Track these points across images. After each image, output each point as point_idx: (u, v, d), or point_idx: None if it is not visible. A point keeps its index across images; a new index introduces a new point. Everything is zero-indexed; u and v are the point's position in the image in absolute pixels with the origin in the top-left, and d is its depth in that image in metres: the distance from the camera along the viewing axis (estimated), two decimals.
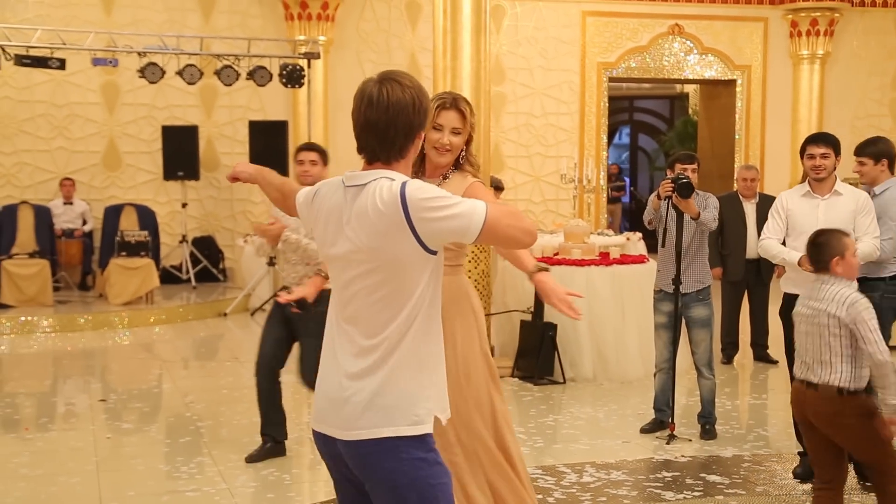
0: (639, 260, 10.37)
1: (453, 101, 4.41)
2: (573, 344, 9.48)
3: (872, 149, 6.57)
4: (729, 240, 10.12)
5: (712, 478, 6.54)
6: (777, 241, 6.51)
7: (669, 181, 7.13)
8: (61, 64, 13.20)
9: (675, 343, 7.64)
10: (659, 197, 7.38)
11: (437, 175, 4.48)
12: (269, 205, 14.80)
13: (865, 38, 18.22)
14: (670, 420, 7.48)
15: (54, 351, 11.14)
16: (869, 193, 6.68)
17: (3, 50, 12.88)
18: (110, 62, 13.66)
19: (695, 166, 7.56)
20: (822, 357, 4.94)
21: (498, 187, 12.50)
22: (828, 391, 4.88)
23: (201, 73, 13.71)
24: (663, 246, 7.55)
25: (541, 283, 4.37)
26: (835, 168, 6.57)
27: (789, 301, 6.36)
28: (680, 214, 7.24)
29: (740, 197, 10.25)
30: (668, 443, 7.35)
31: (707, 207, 7.43)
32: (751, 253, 9.90)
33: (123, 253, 13.53)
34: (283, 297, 5.92)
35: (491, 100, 11.19)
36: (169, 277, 14.76)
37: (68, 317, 12.49)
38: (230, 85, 13.92)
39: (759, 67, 17.91)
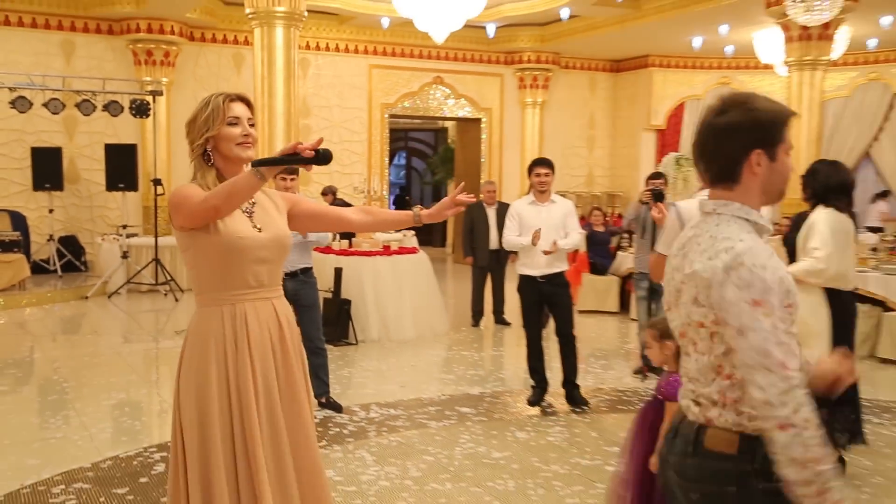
0: (412, 251, 10.52)
1: (237, 94, 3.06)
2: (363, 314, 9.54)
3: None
4: (477, 236, 10.44)
5: (464, 409, 6.70)
6: (516, 235, 6.74)
7: (649, 191, 7.05)
8: None
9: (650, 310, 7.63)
10: (642, 202, 7.58)
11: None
12: (124, 209, 14.34)
13: (569, 91, 18.96)
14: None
15: None
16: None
17: None
18: None
19: (662, 181, 7.73)
20: None
21: (334, 193, 12.63)
22: None
23: (64, 105, 13.19)
24: (642, 238, 7.66)
25: (427, 215, 3.24)
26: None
27: (523, 280, 6.76)
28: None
29: (484, 204, 10.58)
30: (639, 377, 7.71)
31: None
32: (492, 245, 10.28)
33: None
34: None
35: (300, 130, 11.24)
36: (39, 269, 14.09)
37: None
38: (88, 115, 13.40)
39: (498, 110, 18.40)
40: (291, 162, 2.70)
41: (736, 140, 2.17)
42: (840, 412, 5.17)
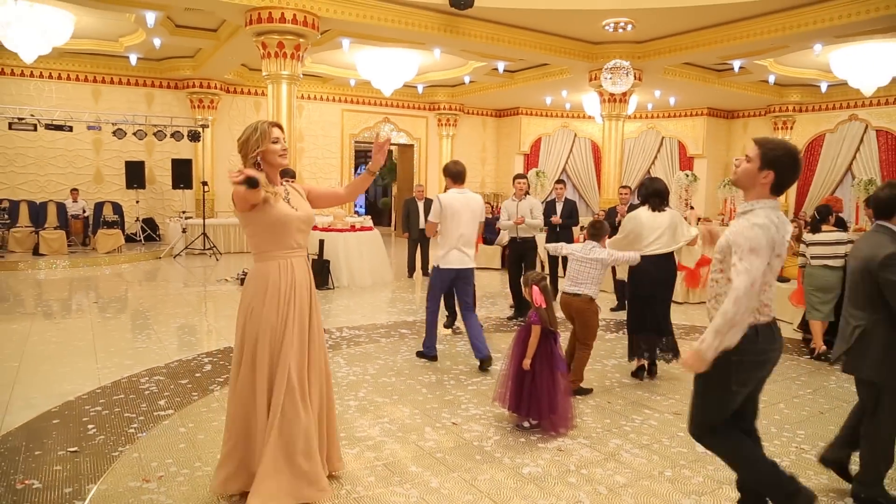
0: (369, 229, 10.33)
1: (275, 122, 2.93)
2: (338, 269, 9.41)
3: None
4: (411, 219, 10.24)
5: (403, 330, 6.59)
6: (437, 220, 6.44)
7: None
8: (70, 129, 12.04)
9: None
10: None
11: (278, 182, 2.95)
12: (184, 201, 14.09)
13: (470, 129, 18.76)
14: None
15: (69, 278, 10.12)
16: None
17: (39, 122, 11.74)
18: (97, 128, 12.52)
19: (525, 181, 6.88)
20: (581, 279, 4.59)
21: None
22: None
23: (146, 134, 12.83)
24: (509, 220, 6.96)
25: (371, 165, 3.09)
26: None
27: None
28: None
29: (416, 198, 10.38)
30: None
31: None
32: (421, 225, 10.08)
33: (105, 227, 12.51)
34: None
35: (297, 150, 11.03)
36: (130, 239, 13.67)
37: (75, 260, 11.35)
38: (161, 140, 13.11)
39: (425, 139, 18.16)
40: (249, 186, 2.61)
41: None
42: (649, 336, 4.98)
